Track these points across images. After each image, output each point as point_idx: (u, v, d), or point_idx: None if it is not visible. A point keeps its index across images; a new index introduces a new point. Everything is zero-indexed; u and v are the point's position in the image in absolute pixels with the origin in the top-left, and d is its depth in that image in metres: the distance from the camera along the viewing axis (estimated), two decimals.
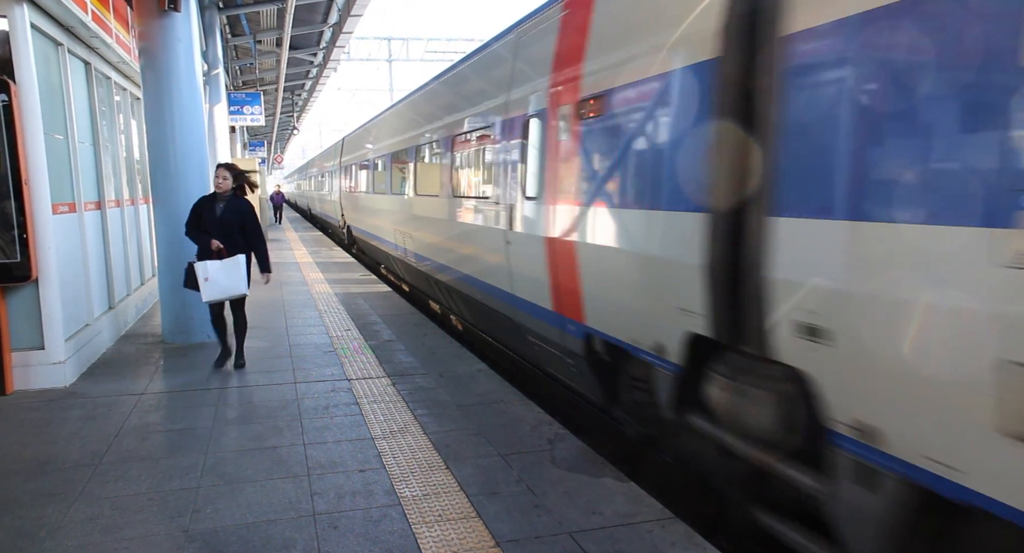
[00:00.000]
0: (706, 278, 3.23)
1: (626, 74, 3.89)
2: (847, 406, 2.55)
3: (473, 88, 7.30)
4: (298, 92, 26.06)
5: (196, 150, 6.78)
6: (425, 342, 7.10)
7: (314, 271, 12.94)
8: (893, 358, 2.31)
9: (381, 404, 5.08)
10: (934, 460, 2.22)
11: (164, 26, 6.43)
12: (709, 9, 3.18)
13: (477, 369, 6.07)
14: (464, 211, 7.27)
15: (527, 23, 5.67)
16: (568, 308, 4.73)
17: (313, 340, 7.16)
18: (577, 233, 4.48)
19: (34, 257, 5.23)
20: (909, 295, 2.24)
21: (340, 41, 16.34)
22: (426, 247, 9.08)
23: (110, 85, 7.64)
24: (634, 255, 3.88)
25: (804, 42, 2.65)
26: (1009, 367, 1.96)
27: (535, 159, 5.19)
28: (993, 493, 2.06)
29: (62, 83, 6.01)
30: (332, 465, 3.98)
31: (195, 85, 6.71)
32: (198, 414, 4.87)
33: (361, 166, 15.07)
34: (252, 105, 16.80)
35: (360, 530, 3.23)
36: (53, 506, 3.47)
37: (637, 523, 3.31)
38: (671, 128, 3.54)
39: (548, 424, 4.68)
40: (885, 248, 2.32)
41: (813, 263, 2.61)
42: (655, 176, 3.67)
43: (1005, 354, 1.97)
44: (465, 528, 3.25)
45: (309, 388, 5.49)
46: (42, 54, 5.55)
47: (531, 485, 3.72)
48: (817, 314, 2.60)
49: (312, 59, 19.06)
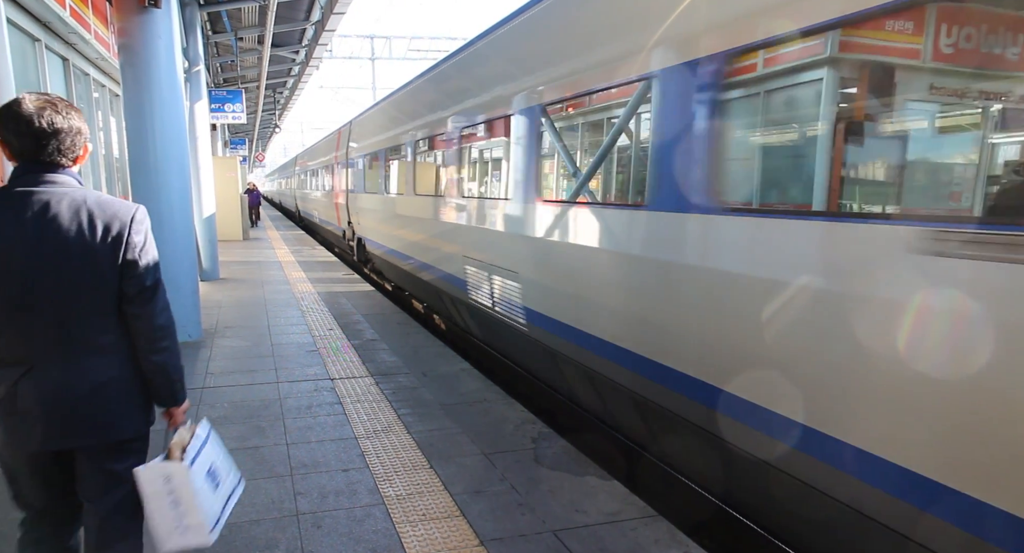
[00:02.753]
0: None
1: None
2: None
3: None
4: (280, 90, 25.86)
5: (177, 148, 6.71)
6: (408, 341, 7.08)
7: (296, 270, 12.86)
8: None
9: (364, 403, 5.07)
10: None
11: (144, 22, 6.36)
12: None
13: (461, 368, 6.07)
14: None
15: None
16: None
17: (296, 339, 7.12)
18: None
19: None
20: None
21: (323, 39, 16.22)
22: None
23: (88, 81, 7.55)
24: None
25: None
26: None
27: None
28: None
29: (39, 79, 5.93)
30: (315, 465, 3.96)
31: (175, 82, 6.64)
32: None
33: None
34: (234, 103, 16.63)
35: (344, 529, 3.22)
36: None
37: (621, 521, 3.33)
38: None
39: (532, 423, 4.70)
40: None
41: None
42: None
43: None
44: (449, 527, 3.26)
45: (292, 388, 5.46)
46: (18, 50, 5.47)
47: (515, 484, 3.73)
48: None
49: (294, 57, 18.91)
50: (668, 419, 3.81)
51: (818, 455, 2.79)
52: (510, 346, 6.12)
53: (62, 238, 1.98)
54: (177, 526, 2.14)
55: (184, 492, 2.11)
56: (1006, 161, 2.82)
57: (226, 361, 6.27)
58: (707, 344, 3.33)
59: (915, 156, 3.01)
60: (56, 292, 1.99)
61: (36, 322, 1.99)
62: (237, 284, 10.94)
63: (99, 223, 2.02)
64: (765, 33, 2.92)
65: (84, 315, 2.04)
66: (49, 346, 2.01)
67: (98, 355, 2.07)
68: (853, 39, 2.78)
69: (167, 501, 2.11)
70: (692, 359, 3.46)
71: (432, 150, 8.00)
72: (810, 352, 2.76)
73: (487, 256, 5.94)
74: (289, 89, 25.65)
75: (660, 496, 4.32)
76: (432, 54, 30.82)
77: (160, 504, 2.11)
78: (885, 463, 2.49)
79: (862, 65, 2.90)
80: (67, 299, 2.01)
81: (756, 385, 3.05)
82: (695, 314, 3.39)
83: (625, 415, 4.44)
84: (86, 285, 2.02)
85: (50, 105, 2.02)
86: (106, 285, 2.05)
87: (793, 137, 3.50)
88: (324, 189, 18.47)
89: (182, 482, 2.11)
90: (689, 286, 3.41)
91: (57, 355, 2.02)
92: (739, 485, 3.58)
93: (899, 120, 3.00)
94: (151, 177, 6.60)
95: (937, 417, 2.33)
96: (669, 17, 3.50)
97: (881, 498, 2.56)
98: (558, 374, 5.27)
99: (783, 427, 2.93)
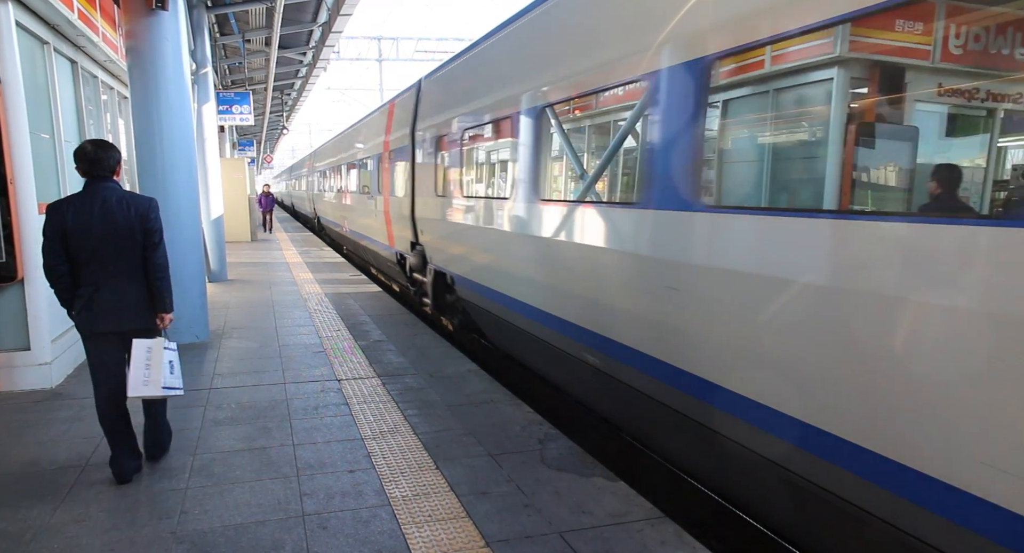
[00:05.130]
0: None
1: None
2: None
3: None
4: (287, 91, 25.94)
5: (184, 150, 6.73)
6: (415, 342, 7.08)
7: (304, 271, 12.88)
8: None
9: (371, 404, 5.07)
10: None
11: (152, 24, 6.38)
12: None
13: (467, 369, 6.06)
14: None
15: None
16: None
17: (303, 340, 7.13)
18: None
19: (20, 257, 5.18)
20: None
21: (330, 40, 16.26)
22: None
23: (97, 84, 7.58)
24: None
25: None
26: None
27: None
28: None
29: (48, 82, 5.96)
30: (322, 466, 3.96)
31: (183, 84, 6.67)
32: (186, 414, 4.84)
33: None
34: (241, 104, 16.69)
35: (350, 531, 3.22)
36: (39, 507, 3.44)
37: (627, 522, 3.32)
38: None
39: (539, 424, 4.68)
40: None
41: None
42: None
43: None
44: (455, 528, 3.25)
45: (299, 388, 5.46)
46: (27, 52, 5.50)
47: (521, 485, 3.72)
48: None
49: (301, 58, 18.96)
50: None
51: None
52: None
53: (113, 216, 3.60)
54: (144, 381, 3.64)
55: (155, 361, 3.68)
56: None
57: (233, 362, 6.28)
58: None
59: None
60: (111, 246, 3.61)
61: (101, 262, 3.62)
62: (245, 285, 10.98)
63: (132, 208, 3.65)
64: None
65: (125, 259, 3.66)
66: (108, 276, 3.64)
67: (133, 283, 3.70)
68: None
69: (143, 363, 3.66)
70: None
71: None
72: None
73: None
74: (296, 91, 25.73)
75: (666, 497, 4.30)
76: (439, 55, 30.69)
77: (139, 364, 3.65)
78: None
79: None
80: (117, 250, 3.63)
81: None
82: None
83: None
84: (126, 242, 3.64)
85: (94, 144, 3.70)
86: (136, 242, 3.66)
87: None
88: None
89: (156, 354, 3.69)
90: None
91: (112, 280, 3.65)
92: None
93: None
94: (159, 179, 6.62)
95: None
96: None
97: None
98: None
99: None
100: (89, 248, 3.57)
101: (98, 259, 3.59)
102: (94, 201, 3.58)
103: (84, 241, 3.56)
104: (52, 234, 3.56)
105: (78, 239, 3.56)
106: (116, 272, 3.63)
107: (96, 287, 3.61)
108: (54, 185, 6.00)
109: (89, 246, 3.56)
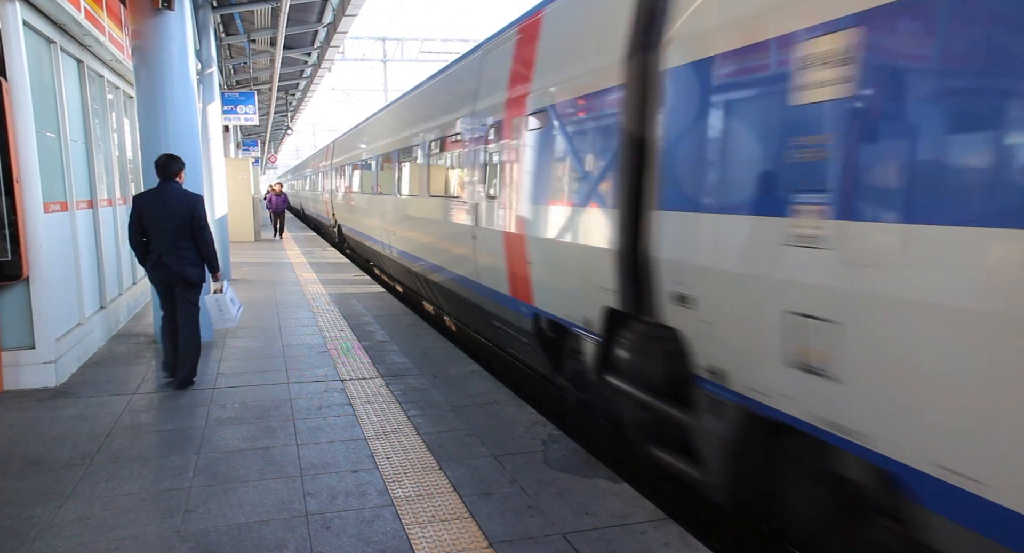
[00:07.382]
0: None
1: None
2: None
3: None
4: (292, 92, 25.96)
5: (189, 149, 6.74)
6: (419, 343, 7.09)
7: (308, 271, 12.90)
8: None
9: (374, 405, 5.07)
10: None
11: (158, 24, 6.40)
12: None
13: (471, 370, 6.06)
14: None
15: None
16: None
17: (307, 340, 7.14)
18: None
19: (25, 256, 5.20)
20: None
21: (335, 41, 16.27)
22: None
23: (103, 83, 7.60)
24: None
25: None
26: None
27: None
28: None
29: (54, 81, 5.98)
30: (325, 466, 3.97)
31: (188, 84, 6.68)
32: (190, 414, 4.85)
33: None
34: (246, 104, 16.71)
35: (353, 531, 3.22)
36: (43, 506, 3.45)
37: (630, 524, 3.31)
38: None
39: (542, 425, 4.68)
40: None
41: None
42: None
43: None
44: (458, 529, 3.25)
45: (302, 388, 5.47)
46: (34, 52, 5.52)
47: (524, 486, 3.72)
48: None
49: (306, 59, 18.98)
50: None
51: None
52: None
53: (174, 207, 5.22)
54: (220, 318, 5.78)
55: (224, 304, 5.70)
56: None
57: (237, 362, 6.30)
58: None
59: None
60: (171, 227, 5.21)
61: (164, 238, 5.21)
62: (249, 285, 11.00)
63: (185, 202, 5.26)
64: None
65: (180, 237, 5.24)
66: (168, 247, 5.22)
67: (183, 252, 5.26)
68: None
69: (216, 308, 5.71)
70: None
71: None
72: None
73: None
74: (301, 91, 25.76)
75: (670, 499, 4.30)
76: (444, 56, 30.73)
77: (213, 309, 5.72)
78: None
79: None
80: (175, 230, 5.22)
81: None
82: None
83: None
84: (183, 225, 5.23)
85: (165, 156, 5.35)
86: (186, 225, 5.24)
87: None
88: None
89: (223, 300, 5.69)
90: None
91: (172, 250, 5.23)
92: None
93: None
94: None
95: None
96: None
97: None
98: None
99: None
100: (155, 227, 5.20)
101: (161, 235, 5.20)
102: (160, 195, 5.25)
103: (152, 222, 5.20)
104: (133, 216, 5.24)
105: (148, 221, 5.21)
106: (173, 245, 5.21)
107: (159, 254, 5.21)
108: (60, 184, 6.02)
109: (155, 226, 5.19)
